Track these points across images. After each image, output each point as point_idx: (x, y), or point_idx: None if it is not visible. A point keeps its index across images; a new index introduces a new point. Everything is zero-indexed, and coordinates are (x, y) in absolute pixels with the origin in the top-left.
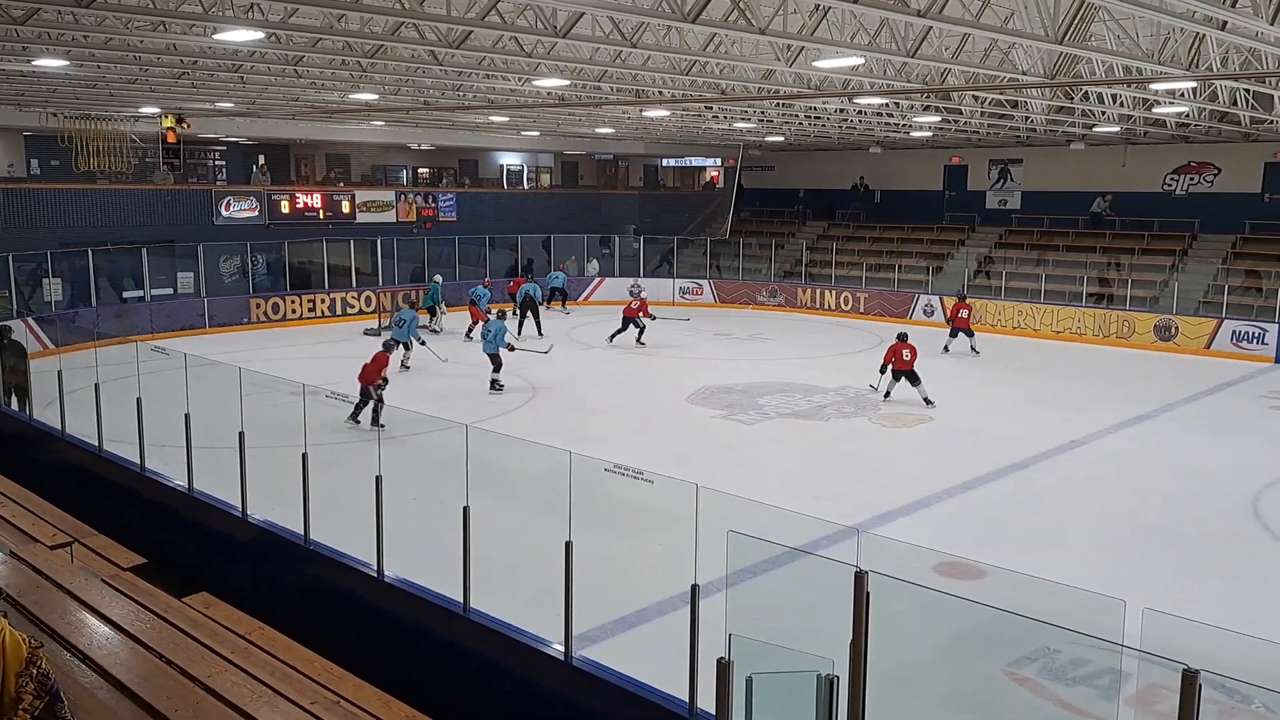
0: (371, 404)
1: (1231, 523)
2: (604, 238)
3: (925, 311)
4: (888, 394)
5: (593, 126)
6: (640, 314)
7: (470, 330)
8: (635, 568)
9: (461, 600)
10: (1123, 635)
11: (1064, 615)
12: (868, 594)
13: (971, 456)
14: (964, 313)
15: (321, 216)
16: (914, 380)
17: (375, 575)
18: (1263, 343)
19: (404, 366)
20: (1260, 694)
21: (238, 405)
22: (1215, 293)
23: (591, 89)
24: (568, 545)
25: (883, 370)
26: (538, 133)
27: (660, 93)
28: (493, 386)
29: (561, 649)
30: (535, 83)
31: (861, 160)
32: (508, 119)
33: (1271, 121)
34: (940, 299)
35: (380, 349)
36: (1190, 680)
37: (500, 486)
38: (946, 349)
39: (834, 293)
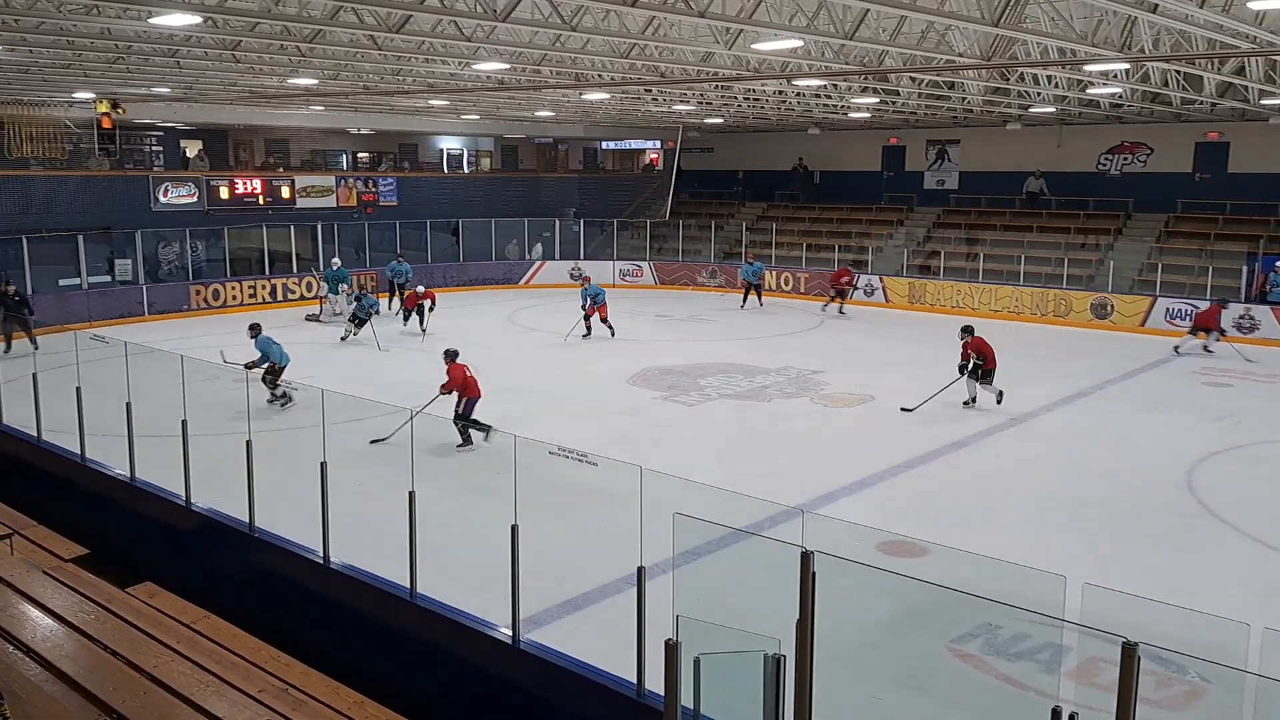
0: None
1: (1166, 497)
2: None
3: (865, 292)
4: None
5: (532, 110)
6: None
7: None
8: (581, 550)
9: (408, 585)
10: (1063, 610)
11: (1005, 591)
12: (814, 574)
13: (912, 435)
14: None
15: (261, 202)
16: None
17: (321, 562)
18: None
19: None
20: (1195, 664)
21: (179, 393)
22: (1149, 271)
23: (531, 72)
24: (513, 529)
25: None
26: (477, 116)
27: (599, 76)
28: None
29: (509, 633)
30: (475, 66)
31: (800, 141)
32: (447, 103)
33: (1201, 102)
34: (881, 279)
35: None
36: (1129, 653)
37: (445, 471)
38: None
39: (774, 273)
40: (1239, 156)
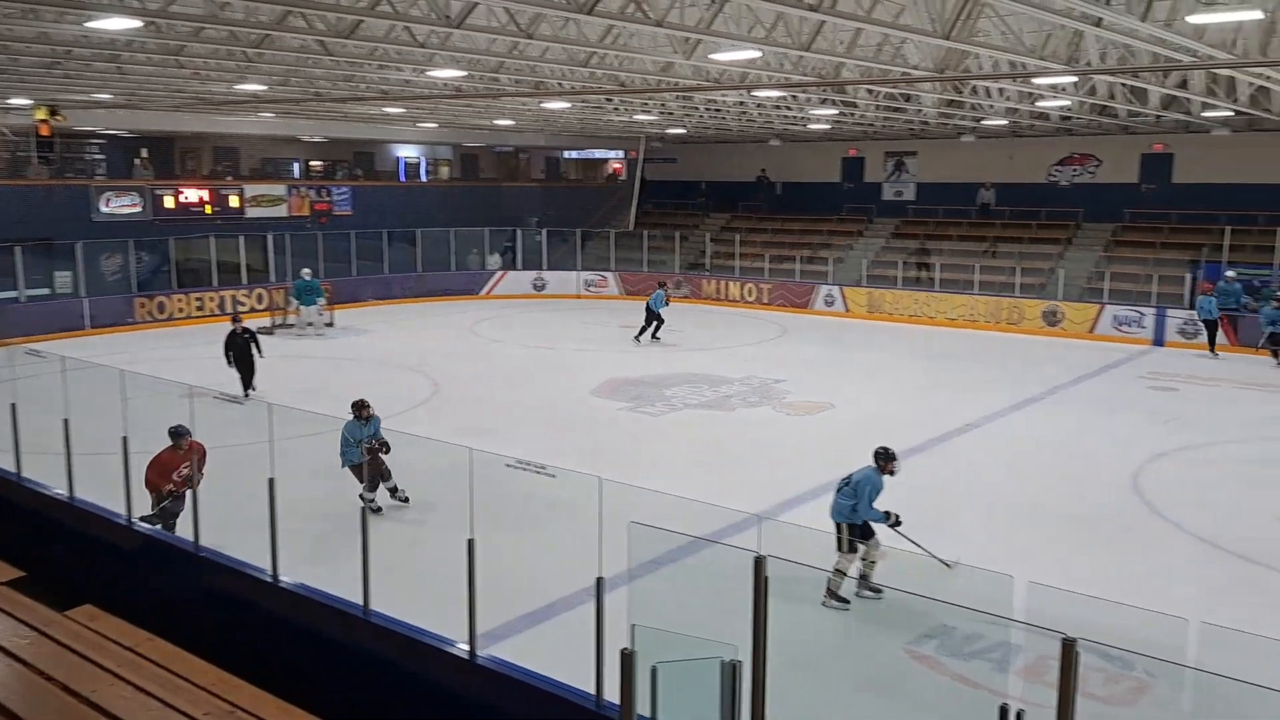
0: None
1: (1114, 498)
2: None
3: (826, 301)
4: None
5: (492, 118)
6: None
7: None
8: (540, 563)
9: (361, 602)
10: (1012, 609)
11: (958, 592)
12: (766, 578)
13: (871, 441)
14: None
15: (209, 211)
16: None
17: (270, 580)
18: (1141, 326)
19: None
20: (1141, 660)
21: (120, 408)
22: (1098, 279)
23: (489, 80)
24: (470, 542)
25: None
26: (435, 124)
27: (559, 84)
28: None
29: (466, 648)
30: (430, 74)
31: (762, 153)
32: (404, 110)
33: (1147, 115)
34: (841, 289)
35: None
36: (1068, 648)
37: (400, 484)
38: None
39: (738, 284)
40: (1183, 167)
